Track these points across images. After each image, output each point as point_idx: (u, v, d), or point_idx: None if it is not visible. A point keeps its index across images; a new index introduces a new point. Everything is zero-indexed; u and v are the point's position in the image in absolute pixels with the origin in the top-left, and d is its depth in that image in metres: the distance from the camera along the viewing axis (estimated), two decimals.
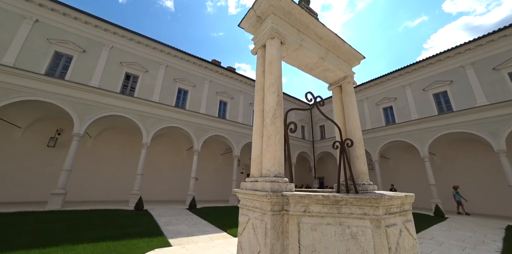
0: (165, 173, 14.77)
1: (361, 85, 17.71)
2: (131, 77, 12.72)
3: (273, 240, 1.92)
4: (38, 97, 9.29)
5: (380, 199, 1.84)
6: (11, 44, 9.32)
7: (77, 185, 11.04)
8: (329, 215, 1.93)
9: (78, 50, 10.90)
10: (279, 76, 2.79)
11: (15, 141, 10.45)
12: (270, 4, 3.05)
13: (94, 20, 11.52)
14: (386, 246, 1.78)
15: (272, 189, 2.10)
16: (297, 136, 19.87)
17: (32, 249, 4.07)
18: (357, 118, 3.85)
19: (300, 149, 19.40)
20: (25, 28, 9.84)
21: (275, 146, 2.38)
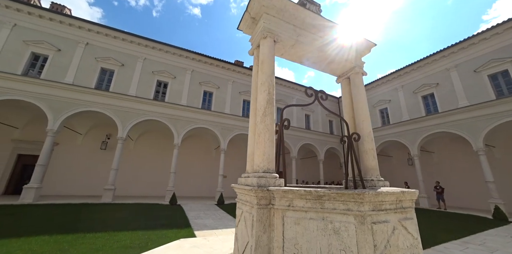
0: (196, 170, 15.88)
1: (395, 72, 15.99)
2: (162, 84, 14.01)
3: (259, 232, 2.03)
4: (91, 108, 11.03)
5: (364, 194, 1.77)
6: (71, 65, 11.25)
7: (123, 181, 12.75)
8: (312, 210, 1.94)
9: (118, 64, 12.51)
10: (270, 75, 2.84)
11: (77, 145, 12.66)
12: (262, 5, 3.10)
13: (129, 37, 13.03)
14: (371, 243, 1.72)
15: (258, 184, 2.20)
16: (325, 131, 19.07)
17: (87, 233, 4.99)
18: (366, 110, 3.62)
19: (328, 145, 18.56)
20: (79, 51, 11.75)
21: (265, 143, 2.46)
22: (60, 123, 10.14)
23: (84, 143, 12.87)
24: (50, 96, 10.27)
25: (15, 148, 11.32)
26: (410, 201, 2.15)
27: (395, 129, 15.42)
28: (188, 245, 4.58)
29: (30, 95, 9.97)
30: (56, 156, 11.96)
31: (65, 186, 11.88)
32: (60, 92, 10.48)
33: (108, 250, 4.11)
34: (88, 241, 4.50)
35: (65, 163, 12.21)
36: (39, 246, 4.11)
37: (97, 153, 12.95)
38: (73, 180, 12.09)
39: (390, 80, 16.66)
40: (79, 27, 11.95)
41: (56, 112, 10.13)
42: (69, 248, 4.06)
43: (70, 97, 10.62)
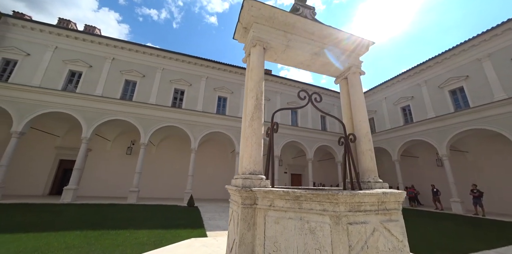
0: (213, 173, 16.39)
1: (417, 67, 14.94)
2: (179, 91, 14.89)
3: (243, 230, 2.16)
4: (117, 117, 12.18)
5: (337, 195, 1.81)
6: (100, 79, 12.59)
7: (146, 184, 13.70)
8: (291, 210, 2.02)
9: (140, 75, 13.65)
10: (258, 81, 2.99)
11: (107, 151, 14.00)
12: (251, 15, 3.28)
13: (149, 50, 14.18)
14: (345, 243, 1.75)
15: (243, 185, 2.34)
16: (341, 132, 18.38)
17: (111, 230, 5.55)
18: (364, 111, 3.56)
19: None
20: (107, 66, 13.11)
21: (252, 146, 2.60)
22: (92, 131, 11.36)
23: (113, 149, 14.18)
24: (84, 107, 11.59)
25: (57, 154, 12.94)
26: (396, 203, 2.10)
27: (420, 127, 14.32)
28: (198, 244, 4.84)
29: (68, 107, 11.37)
30: (90, 160, 13.36)
31: (97, 187, 13.17)
32: (91, 103, 11.78)
33: (127, 245, 4.54)
34: (111, 237, 5.01)
35: (97, 167, 13.57)
36: (71, 239, 4.70)
37: (123, 157, 14.15)
38: (104, 182, 13.35)
39: (412, 76, 15.59)
40: (106, 44, 13.36)
41: (88, 121, 11.38)
42: (94, 243, 4.58)
43: (99, 107, 11.86)
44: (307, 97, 3.49)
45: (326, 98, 19.22)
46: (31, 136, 12.00)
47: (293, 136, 16.47)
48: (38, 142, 12.55)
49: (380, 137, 17.01)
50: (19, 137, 10.24)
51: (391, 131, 16.24)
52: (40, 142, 12.60)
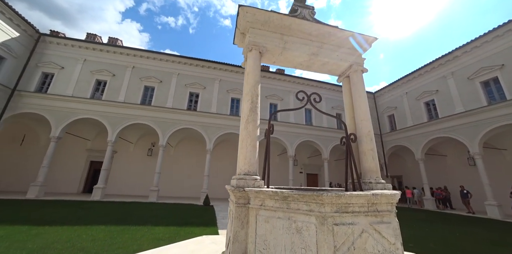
0: (228, 173, 16.72)
1: (442, 58, 13.79)
2: (194, 94, 15.49)
3: (237, 227, 2.27)
4: (138, 121, 13.07)
5: (322, 196, 1.83)
6: (122, 86, 13.62)
7: (166, 183, 14.47)
8: (280, 210, 2.08)
9: (157, 81, 14.48)
10: (253, 85, 3.08)
11: (130, 153, 15.08)
12: (247, 21, 3.39)
13: (165, 56, 14.98)
14: (331, 244, 1.76)
15: (237, 185, 2.45)
16: None
17: (132, 226, 6.03)
18: (366, 109, 3.46)
19: None
20: (128, 74, 14.14)
21: (247, 148, 2.70)
22: (116, 135, 12.34)
23: (135, 151, 15.23)
24: (109, 113, 12.63)
25: (88, 156, 14.28)
26: (388, 205, 2.05)
27: (447, 123, 13.20)
28: (208, 241, 5.06)
29: (96, 113, 12.49)
30: (115, 162, 14.51)
31: (122, 186, 14.26)
32: (115, 109, 12.80)
33: (144, 240, 4.91)
34: (131, 232, 5.45)
35: (122, 167, 14.69)
36: (97, 232, 5.22)
37: (144, 158, 15.12)
38: (128, 181, 14.40)
39: (436, 68, 14.43)
40: (127, 54, 14.40)
41: (113, 126, 12.39)
42: (116, 236, 5.02)
43: (122, 113, 12.84)
44: (306, 98, 3.50)
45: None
46: (66, 140, 13.39)
47: (307, 135, 16.20)
48: (72, 145, 13.97)
49: (401, 135, 16.01)
50: (57, 141, 11.51)
51: (413, 127, 15.20)
52: (74, 145, 14.01)
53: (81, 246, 4.33)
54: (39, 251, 3.99)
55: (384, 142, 17.42)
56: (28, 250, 4.01)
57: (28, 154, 13.21)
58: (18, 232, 5.02)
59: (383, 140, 17.47)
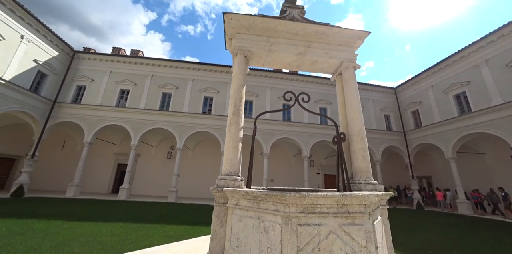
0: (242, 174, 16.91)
1: (474, 44, 12.38)
2: (208, 98, 16.09)
3: (215, 225, 2.38)
4: (158, 126, 14.00)
5: (285, 196, 1.85)
6: (142, 94, 14.73)
7: (184, 184, 15.17)
8: (251, 209, 2.13)
9: (174, 88, 15.36)
10: (237, 89, 3.18)
11: (151, 156, 16.17)
12: (232, 27, 3.52)
13: (181, 64, 15.84)
14: (294, 244, 1.77)
15: (218, 185, 2.55)
16: (380, 128, 16.57)
17: (147, 223, 6.51)
18: (357, 107, 3.34)
19: (386, 143, 15.99)
20: (147, 82, 15.25)
21: (229, 149, 2.80)
22: (139, 139, 13.37)
23: (156, 154, 16.29)
24: (131, 119, 13.75)
25: (116, 159, 15.67)
26: (361, 206, 1.97)
27: (482, 117, 11.77)
28: None
29: (121, 120, 13.69)
30: (139, 164, 15.69)
31: (145, 187, 15.33)
32: (137, 115, 13.88)
33: (155, 237, 5.28)
34: (145, 229, 5.88)
35: (145, 169, 15.81)
36: (116, 229, 5.75)
37: (164, 161, 16.08)
38: (150, 183, 15.44)
39: (467, 56, 13.00)
40: (146, 64, 15.55)
41: (135, 131, 13.45)
42: (132, 233, 5.48)
43: (143, 118, 13.88)
44: (294, 98, 3.50)
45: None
46: (97, 145, 14.86)
47: (322, 135, 15.73)
48: (102, 149, 15.46)
49: (428, 132, 14.68)
50: (89, 146, 12.87)
51: (442, 123, 13.83)
52: (103, 149, 15.50)
53: (100, 240, 4.81)
54: (66, 243, 4.55)
55: (408, 140, 16.11)
56: (58, 241, 4.58)
57: (67, 157, 14.96)
58: (53, 226, 5.76)
59: (407, 138, 16.17)
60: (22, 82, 11.64)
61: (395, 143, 16.09)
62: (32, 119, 12.47)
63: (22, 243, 4.36)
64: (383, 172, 16.44)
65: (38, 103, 12.53)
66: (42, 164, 13.94)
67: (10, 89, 11.04)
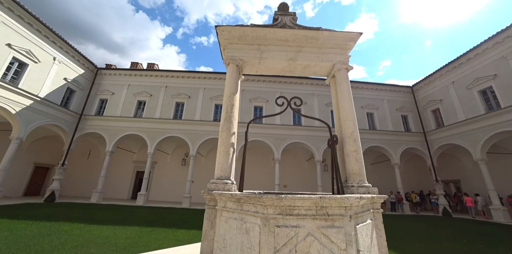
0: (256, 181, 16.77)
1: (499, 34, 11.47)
2: (219, 106, 16.56)
3: (206, 227, 2.48)
4: (172, 134, 14.66)
5: (262, 198, 1.91)
6: (157, 104, 15.62)
7: (198, 191, 15.45)
8: (236, 211, 2.21)
9: (186, 97, 16.09)
10: (229, 96, 3.33)
11: (167, 163, 16.86)
12: (224, 38, 3.75)
13: (193, 74, 16.61)
14: (271, 245, 1.81)
15: (209, 188, 2.68)
16: (397, 130, 15.71)
17: (159, 227, 6.79)
18: (350, 109, 3.31)
19: (404, 145, 15.08)
20: (162, 93, 16.15)
21: (220, 154, 2.93)
22: (155, 147, 14.09)
23: (171, 161, 16.96)
24: (148, 128, 14.59)
25: (135, 167, 16.59)
26: (341, 209, 1.95)
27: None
28: None
29: (138, 129, 14.58)
30: (156, 171, 16.43)
31: (162, 193, 15.92)
32: (153, 125, 14.70)
33: (165, 241, 5.50)
34: (157, 233, 6.15)
35: (161, 176, 16.49)
36: (130, 232, 6.08)
37: (179, 168, 16.65)
38: (167, 189, 16.02)
39: (491, 48, 12.05)
40: (161, 76, 16.55)
41: (151, 139, 14.22)
42: (144, 236, 5.76)
43: (159, 127, 14.65)
44: (286, 103, 3.58)
45: (372, 93, 17.07)
46: (118, 154, 15.90)
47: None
48: (122, 158, 16.49)
49: (451, 131, 13.62)
50: (110, 154, 13.84)
51: (467, 122, 12.78)
52: (123, 157, 16.52)
53: (115, 242, 5.14)
54: (85, 244, 4.93)
55: (429, 141, 15.04)
56: (78, 242, 4.98)
57: (92, 166, 16.16)
58: (76, 228, 6.26)
59: (428, 139, 15.11)
60: (54, 99, 13.02)
61: (414, 144, 15.12)
62: (62, 131, 13.79)
63: (49, 243, 4.81)
64: (403, 176, 15.46)
65: (68, 116, 13.87)
66: (71, 172, 15.20)
67: (44, 105, 12.39)
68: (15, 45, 10.98)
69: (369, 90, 17.01)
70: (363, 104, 16.59)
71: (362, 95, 16.84)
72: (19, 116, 11.17)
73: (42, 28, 12.10)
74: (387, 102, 16.76)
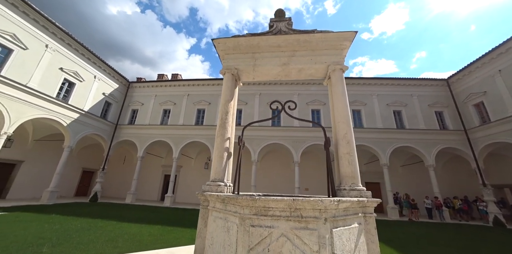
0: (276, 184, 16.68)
1: None
2: (237, 111, 17.07)
3: (200, 225, 2.68)
4: (194, 139, 15.56)
5: (238, 199, 2.05)
6: (181, 112, 16.77)
7: None
8: (221, 211, 2.36)
9: (207, 104, 16.96)
10: (224, 104, 3.55)
11: (191, 167, 17.85)
12: (221, 49, 4.02)
13: (212, 81, 17.48)
14: (246, 244, 1.92)
15: (203, 190, 2.89)
16: (431, 127, 14.15)
17: (179, 227, 7.26)
18: (344, 110, 3.25)
19: (441, 145, 13.48)
20: (185, 101, 17.27)
21: (214, 158, 3.14)
22: (179, 152, 15.10)
23: (195, 165, 17.91)
24: (173, 135, 15.73)
25: (163, 171, 17.95)
26: (315, 211, 1.95)
27: None
28: None
29: (165, 136, 15.82)
30: (182, 174, 17.51)
31: (187, 196, 16.84)
32: (177, 131, 15.82)
33: (182, 239, 5.91)
34: (176, 232, 6.62)
35: (186, 179, 17.50)
36: (154, 230, 6.66)
37: (202, 171, 17.48)
38: (191, 191, 16.91)
39: None
40: (183, 85, 17.78)
41: (176, 145, 15.29)
42: (165, 234, 6.27)
43: (182, 133, 15.70)
44: (280, 107, 3.65)
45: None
46: (148, 159, 17.41)
47: (358, 139, 14.42)
48: (152, 162, 18.01)
49: (500, 128, 11.77)
50: (141, 159, 15.26)
51: None
52: (153, 162, 18.03)
53: (139, 239, 5.71)
54: (114, 238, 5.59)
55: (472, 140, 13.18)
56: (109, 237, 5.67)
57: (127, 170, 17.97)
58: (110, 225, 7.10)
59: (470, 137, 13.25)
60: (95, 111, 14.98)
61: (453, 143, 13.41)
62: (102, 139, 15.72)
63: (87, 236, 5.59)
64: (441, 179, 13.81)
65: (106, 126, 15.79)
66: (110, 175, 17.13)
67: (88, 118, 14.34)
68: (66, 68, 13.02)
69: (395, 86, 15.75)
70: (389, 102, 15.42)
71: (386, 92, 15.69)
72: (69, 128, 13.13)
73: (85, 52, 14.14)
74: (417, 98, 15.29)
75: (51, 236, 5.41)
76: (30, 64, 11.23)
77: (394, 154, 14.21)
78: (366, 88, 16.09)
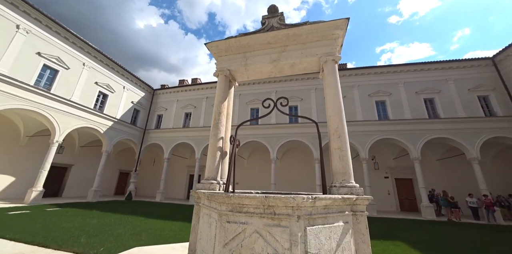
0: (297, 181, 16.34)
1: None
2: (254, 110, 17.22)
3: (194, 221, 2.83)
4: None
5: (215, 196, 2.12)
6: (201, 115, 17.56)
7: None
8: (208, 207, 2.45)
9: None
10: (217, 104, 3.65)
11: None
12: (214, 53, 4.13)
13: None
14: (222, 239, 1.97)
15: (197, 187, 3.03)
16: (472, 115, 12.32)
17: None
18: (336, 103, 3.09)
19: (487, 134, 11.66)
20: (204, 104, 18.05)
21: (208, 157, 3.26)
22: (201, 152, 15.85)
23: None
24: (194, 137, 16.57)
25: (188, 171, 19.04)
26: (288, 208, 1.90)
27: None
28: None
29: (187, 138, 16.76)
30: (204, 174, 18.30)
31: None
32: (198, 133, 16.61)
33: None
34: None
35: None
36: (175, 226, 7.16)
37: None
38: None
39: None
40: (202, 88, 18.58)
41: (197, 146, 16.08)
42: (184, 230, 6.68)
43: (202, 135, 16.42)
44: (272, 104, 3.63)
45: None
46: (174, 160, 18.63)
47: (384, 132, 13.41)
48: (177, 163, 19.22)
49: None
50: (167, 161, 16.43)
51: None
52: (178, 163, 19.23)
53: (160, 233, 6.21)
54: (139, 232, 6.18)
55: None
56: (135, 231, 6.28)
57: (156, 171, 19.51)
58: (137, 220, 7.84)
59: None
60: (126, 118, 16.58)
61: (503, 132, 11.50)
62: (134, 144, 17.34)
63: (116, 230, 6.27)
64: (493, 175, 12.01)
65: (136, 132, 17.37)
66: (142, 176, 18.80)
67: (120, 125, 15.96)
68: (100, 82, 14.67)
69: (425, 71, 14.14)
70: (418, 89, 13.93)
71: (415, 79, 14.18)
72: (105, 134, 14.78)
73: (115, 66, 15.73)
74: (453, 82, 13.50)
75: (89, 229, 6.21)
76: (71, 81, 12.94)
77: (427, 146, 12.80)
78: (390, 77, 14.77)
